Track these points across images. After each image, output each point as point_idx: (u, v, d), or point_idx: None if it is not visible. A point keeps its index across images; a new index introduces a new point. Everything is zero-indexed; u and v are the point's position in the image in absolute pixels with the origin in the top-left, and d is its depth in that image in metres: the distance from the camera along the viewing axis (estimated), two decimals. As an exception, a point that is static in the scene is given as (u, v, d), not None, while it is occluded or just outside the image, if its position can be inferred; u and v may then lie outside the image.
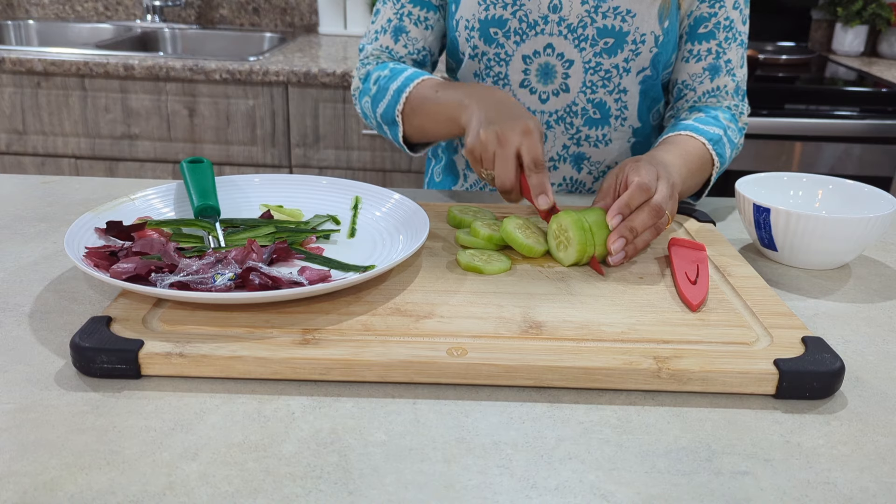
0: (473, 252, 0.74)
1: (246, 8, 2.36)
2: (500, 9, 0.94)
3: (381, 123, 0.98)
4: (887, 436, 0.53)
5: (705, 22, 0.95)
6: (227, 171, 1.90)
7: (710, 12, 0.94)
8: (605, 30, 0.93)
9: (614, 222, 0.73)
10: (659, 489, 0.47)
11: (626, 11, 0.92)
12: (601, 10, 0.92)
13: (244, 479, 0.47)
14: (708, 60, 0.96)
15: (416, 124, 0.93)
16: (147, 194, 0.80)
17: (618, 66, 0.95)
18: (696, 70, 0.97)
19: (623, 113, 0.99)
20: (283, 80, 1.78)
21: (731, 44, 0.96)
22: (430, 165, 1.17)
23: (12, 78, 1.83)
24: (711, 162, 0.92)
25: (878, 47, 2.33)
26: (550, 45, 0.95)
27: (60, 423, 0.51)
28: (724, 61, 0.96)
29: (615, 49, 0.94)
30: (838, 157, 1.82)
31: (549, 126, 1.00)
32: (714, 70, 0.97)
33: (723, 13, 0.94)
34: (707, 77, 0.97)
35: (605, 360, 0.57)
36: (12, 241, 0.80)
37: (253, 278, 0.64)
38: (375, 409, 0.54)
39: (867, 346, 0.65)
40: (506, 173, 0.77)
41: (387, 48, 1.00)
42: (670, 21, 0.93)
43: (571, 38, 0.94)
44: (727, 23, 0.95)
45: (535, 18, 0.94)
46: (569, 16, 0.93)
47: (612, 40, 0.93)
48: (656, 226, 0.75)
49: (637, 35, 0.93)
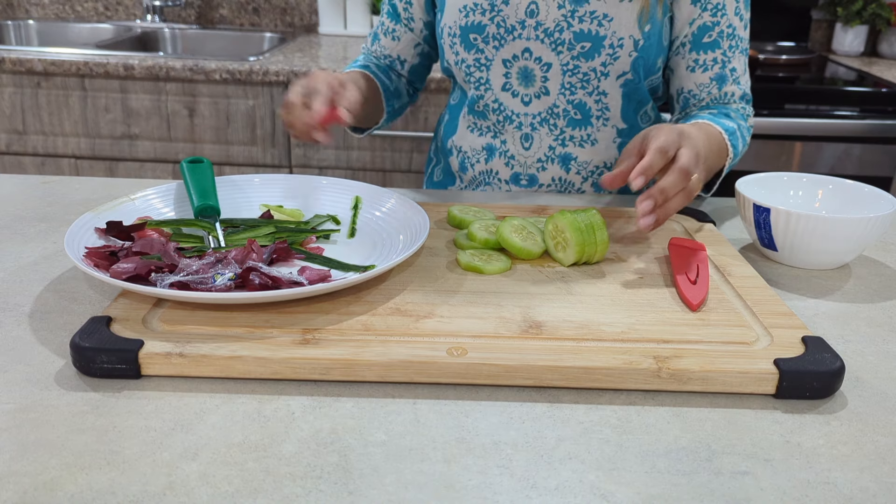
0: (473, 252, 0.74)
1: (246, 8, 2.36)
2: (479, 15, 0.96)
3: None
4: (887, 436, 0.53)
5: (709, 31, 0.95)
6: (227, 171, 1.90)
7: (712, 21, 0.95)
8: (582, 34, 0.93)
9: (637, 183, 0.71)
10: (659, 489, 0.47)
11: (604, 16, 0.92)
12: (577, 14, 0.93)
13: (244, 479, 0.47)
14: (714, 70, 0.97)
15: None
16: (147, 194, 0.80)
17: (595, 69, 0.95)
18: (703, 80, 0.98)
19: (605, 114, 1.00)
20: (284, 80, 1.78)
21: (735, 52, 0.97)
22: (430, 165, 1.17)
23: (12, 78, 1.83)
24: (727, 151, 0.92)
25: (878, 47, 2.33)
26: (528, 50, 0.97)
27: (60, 423, 0.51)
28: (729, 70, 0.97)
29: (592, 53, 0.94)
30: (838, 157, 1.82)
31: (535, 128, 1.02)
32: (721, 80, 0.97)
33: (725, 21, 0.95)
34: (714, 86, 0.98)
35: (605, 360, 0.57)
36: (12, 241, 0.80)
37: (253, 278, 0.64)
38: (375, 409, 0.54)
39: (867, 346, 0.65)
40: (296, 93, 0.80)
41: (370, 50, 1.12)
42: (652, 25, 0.93)
43: (548, 43, 0.95)
44: (730, 30, 0.95)
45: (512, 24, 0.95)
46: (545, 20, 0.94)
47: (589, 44, 0.94)
48: (686, 190, 0.74)
49: (614, 39, 0.93)
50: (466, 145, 1.07)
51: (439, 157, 1.14)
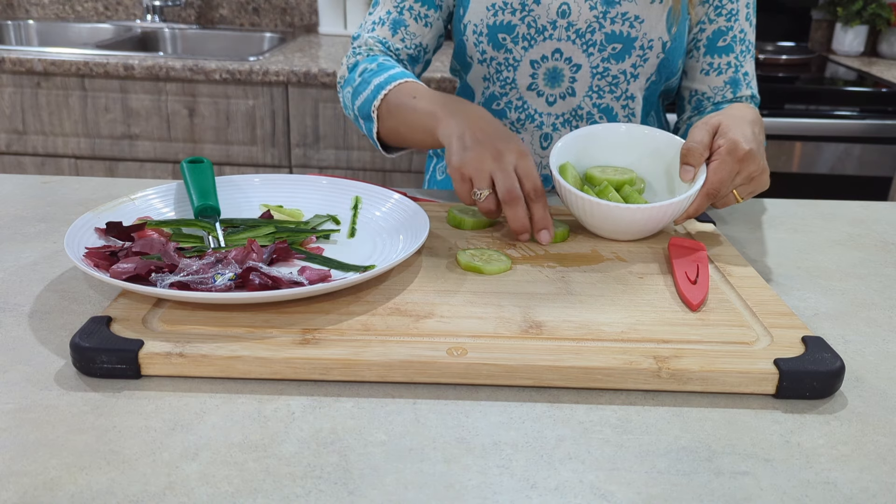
0: (473, 252, 0.74)
1: (246, 8, 2.35)
2: (509, 14, 0.94)
3: (358, 116, 0.95)
4: (887, 436, 0.53)
5: (723, 36, 0.97)
6: (227, 171, 1.90)
7: (727, 26, 0.96)
8: (613, 35, 0.93)
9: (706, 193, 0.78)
10: (659, 489, 0.47)
11: (635, 17, 0.92)
12: (609, 15, 0.93)
13: (244, 479, 0.47)
14: (728, 74, 0.98)
15: (391, 127, 0.90)
16: (147, 194, 0.80)
17: (625, 71, 0.96)
18: (717, 83, 0.99)
19: (631, 120, 1.00)
20: (283, 80, 1.78)
21: (747, 56, 0.99)
22: (432, 164, 1.16)
23: (12, 78, 1.83)
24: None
25: (878, 47, 2.33)
26: (559, 50, 0.96)
27: (60, 423, 0.51)
28: (742, 74, 0.99)
29: (622, 55, 0.94)
30: (838, 157, 1.82)
31: (556, 128, 1.01)
32: (735, 84, 0.99)
33: (738, 26, 0.97)
34: (728, 90, 0.99)
35: (605, 360, 0.57)
36: (12, 241, 0.80)
37: (253, 278, 0.64)
38: (375, 409, 0.54)
39: (867, 346, 0.65)
40: (512, 187, 0.74)
41: (383, 40, 0.98)
42: (679, 28, 0.94)
43: (580, 44, 0.95)
44: (742, 35, 0.98)
45: (543, 24, 0.94)
46: (577, 21, 0.93)
47: (620, 46, 0.94)
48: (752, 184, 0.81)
49: (645, 41, 0.93)
50: None
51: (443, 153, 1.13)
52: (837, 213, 0.98)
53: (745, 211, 0.98)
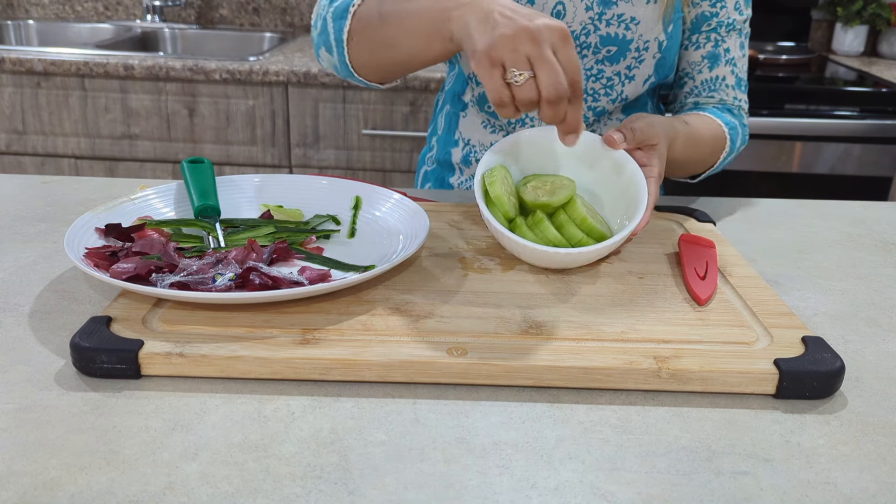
0: (535, 184, 0.71)
1: (246, 8, 2.35)
2: None
3: (329, 21, 0.80)
4: (887, 436, 0.53)
5: (708, 21, 0.96)
6: (227, 171, 1.90)
7: (711, 11, 0.95)
8: (609, 38, 0.93)
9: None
10: (659, 489, 0.47)
11: (631, 19, 0.92)
12: (605, 17, 0.92)
13: (244, 479, 0.47)
14: (707, 48, 0.97)
15: (386, 35, 0.76)
16: (147, 194, 0.80)
17: (620, 73, 0.95)
18: (695, 58, 0.98)
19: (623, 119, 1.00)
20: (283, 80, 1.78)
21: (731, 32, 0.96)
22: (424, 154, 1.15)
23: (12, 78, 1.83)
24: (724, 140, 0.93)
25: (878, 47, 2.33)
26: None
27: (60, 423, 0.51)
28: (723, 50, 0.97)
29: (617, 57, 0.94)
30: (838, 157, 1.82)
31: None
32: (713, 59, 0.97)
33: (724, 13, 0.95)
34: (706, 66, 0.97)
35: (605, 360, 0.57)
36: (12, 241, 0.80)
37: (253, 278, 0.64)
38: (375, 409, 0.54)
39: (867, 346, 0.65)
40: (558, 82, 0.62)
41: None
42: (674, 25, 0.94)
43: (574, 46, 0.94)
44: (729, 21, 0.96)
45: None
46: (572, 23, 0.93)
47: (615, 48, 0.93)
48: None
49: (640, 42, 0.93)
50: (476, 139, 1.06)
51: (434, 145, 1.11)
52: (837, 213, 0.98)
53: (745, 211, 0.98)
